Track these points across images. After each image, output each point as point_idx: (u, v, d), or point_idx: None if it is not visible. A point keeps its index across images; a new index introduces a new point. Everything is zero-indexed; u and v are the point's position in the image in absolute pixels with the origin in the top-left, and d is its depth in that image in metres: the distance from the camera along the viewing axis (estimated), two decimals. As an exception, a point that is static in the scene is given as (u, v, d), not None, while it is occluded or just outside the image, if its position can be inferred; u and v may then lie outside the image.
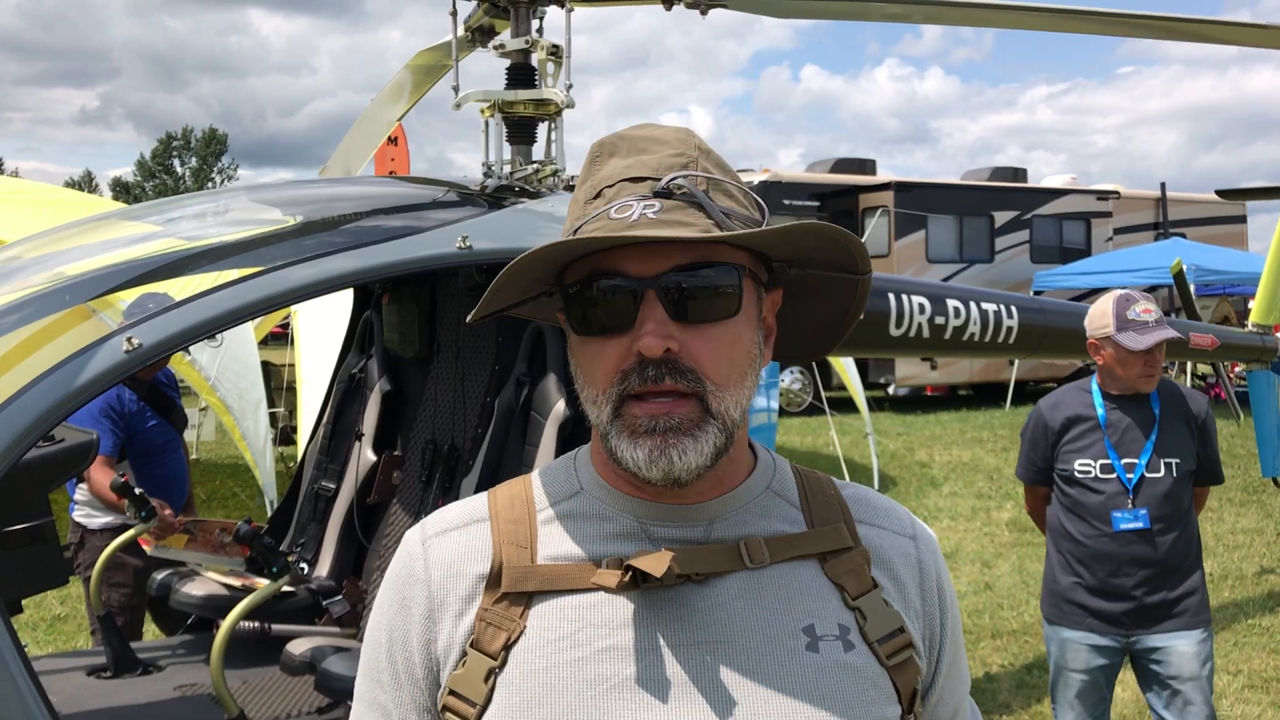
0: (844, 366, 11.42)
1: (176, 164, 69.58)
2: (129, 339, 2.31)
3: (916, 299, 4.39)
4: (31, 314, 2.46)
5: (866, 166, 19.81)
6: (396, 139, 12.10)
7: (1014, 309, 4.78)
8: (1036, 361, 17.39)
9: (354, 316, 4.86)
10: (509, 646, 1.10)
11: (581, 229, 1.11)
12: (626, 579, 1.08)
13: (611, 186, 1.13)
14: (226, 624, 3.38)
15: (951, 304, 4.52)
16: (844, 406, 13.70)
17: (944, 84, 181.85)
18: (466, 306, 4.03)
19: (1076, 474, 3.66)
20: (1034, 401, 4.30)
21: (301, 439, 8.61)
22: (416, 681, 1.15)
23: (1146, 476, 3.60)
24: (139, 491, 4.10)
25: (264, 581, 3.53)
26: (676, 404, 1.08)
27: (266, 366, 10.69)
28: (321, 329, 8.23)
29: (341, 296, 5.28)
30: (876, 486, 10.52)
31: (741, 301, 1.11)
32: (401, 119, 4.94)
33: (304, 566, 3.61)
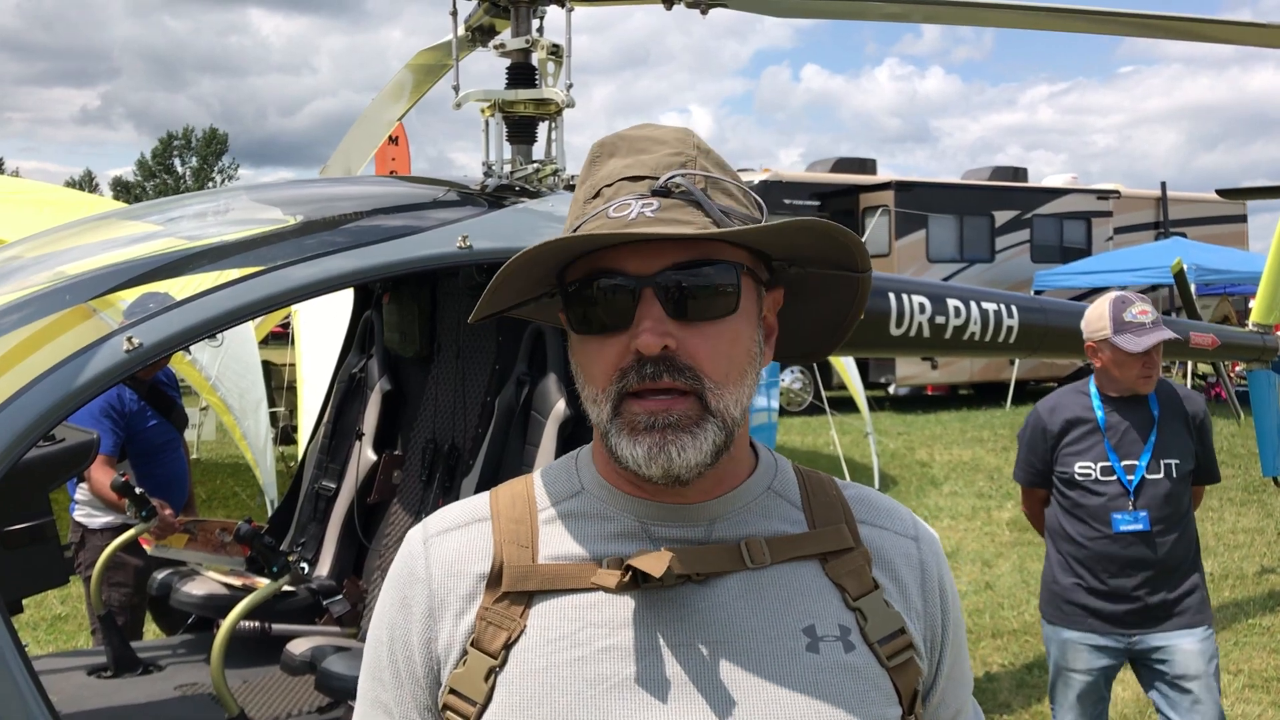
0: (844, 366, 11.42)
1: (177, 163, 69.60)
2: (129, 338, 2.31)
3: (917, 298, 4.39)
4: (32, 313, 2.46)
5: (867, 166, 19.81)
6: (397, 138, 12.08)
7: (1014, 308, 4.78)
8: (1037, 361, 17.40)
9: (354, 316, 4.86)
10: (509, 646, 1.10)
11: (580, 228, 1.12)
12: (627, 579, 1.08)
13: (610, 186, 1.13)
14: (227, 623, 3.38)
15: (952, 303, 4.52)
16: (844, 406, 13.70)
17: (944, 83, 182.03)
18: (467, 306, 4.03)
19: (1077, 476, 3.66)
20: (1034, 401, 4.30)
21: (302, 438, 8.61)
22: (417, 680, 1.15)
23: (1147, 478, 3.60)
24: (139, 491, 4.10)
25: (264, 581, 3.53)
26: (675, 401, 1.08)
27: (267, 366, 10.69)
28: (322, 328, 8.23)
29: (342, 296, 5.29)
30: (877, 486, 10.52)
31: (740, 299, 1.11)
32: (402, 118, 4.94)
33: (304, 566, 3.61)
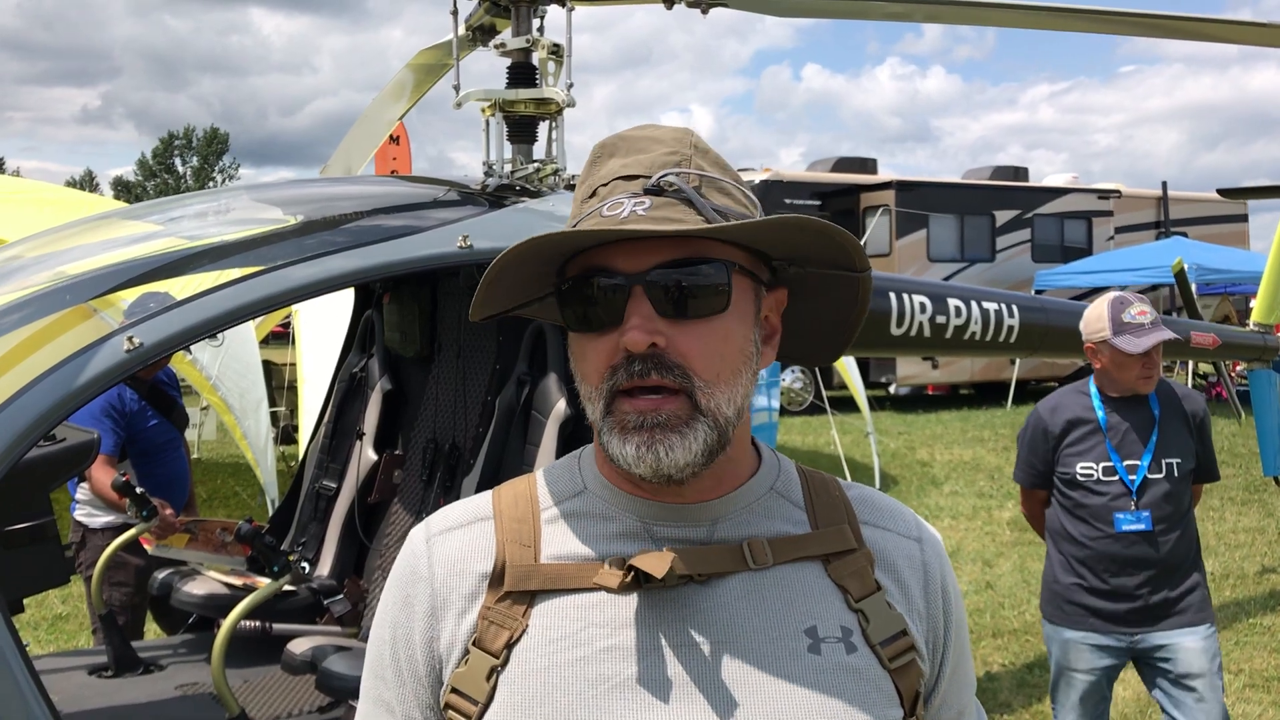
0: (845, 366, 11.41)
1: (178, 163, 69.63)
2: (130, 338, 2.31)
3: (917, 298, 4.39)
4: (33, 313, 2.46)
5: (868, 165, 19.79)
6: (398, 138, 12.09)
7: (1015, 308, 4.78)
8: (1038, 361, 17.39)
9: (355, 316, 4.86)
10: (511, 645, 1.10)
11: (576, 227, 1.12)
12: (629, 579, 1.08)
13: (606, 185, 1.13)
14: (228, 623, 3.38)
15: (953, 303, 4.52)
16: (845, 405, 13.70)
17: (945, 83, 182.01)
18: (467, 306, 4.00)
19: (1078, 477, 3.65)
20: (1035, 400, 4.30)
21: (303, 438, 8.62)
22: (419, 679, 1.15)
23: (1149, 478, 3.59)
24: (140, 491, 4.10)
25: (265, 581, 3.53)
26: (665, 400, 1.08)
27: (268, 366, 10.69)
28: (322, 328, 8.22)
29: (342, 296, 5.28)
30: (878, 486, 10.52)
31: (731, 298, 1.11)
32: (402, 118, 4.94)
33: (305, 566, 3.61)
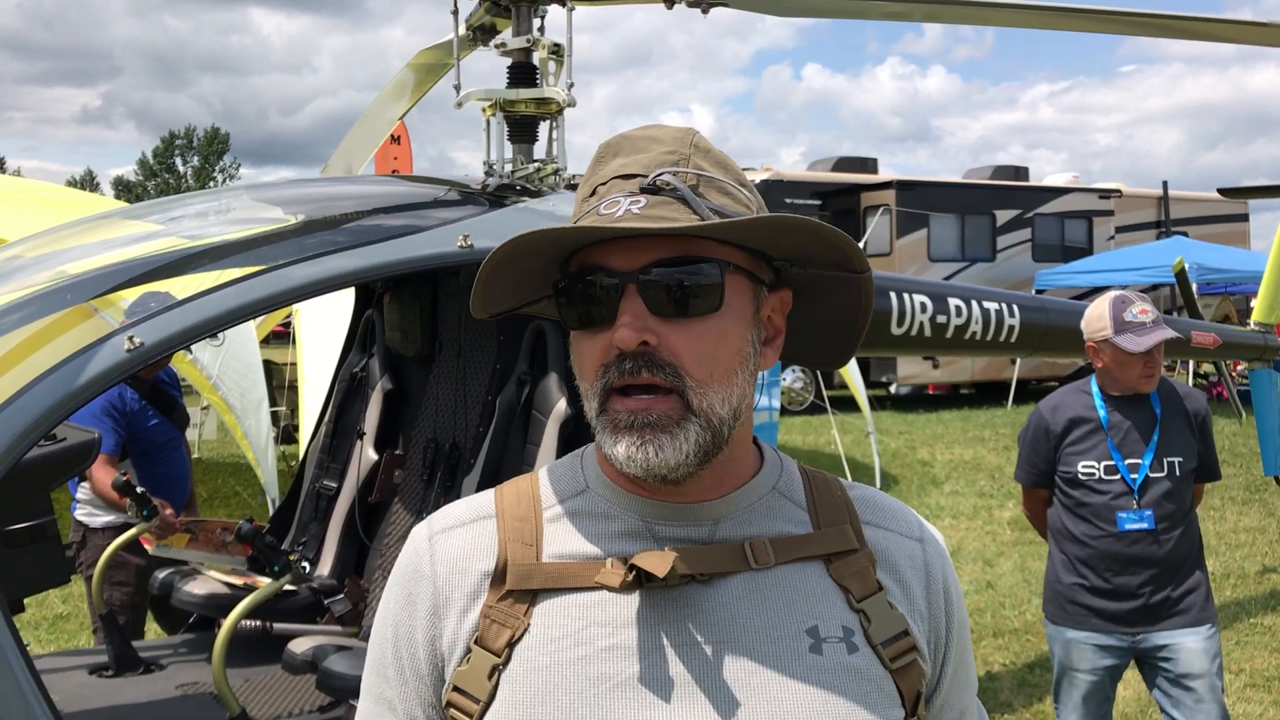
0: (845, 365, 11.41)
1: (179, 163, 69.65)
2: (130, 338, 2.31)
3: (918, 298, 4.39)
4: (33, 313, 2.46)
5: (868, 165, 19.79)
6: (399, 138, 12.10)
7: (1016, 308, 4.78)
8: (1038, 360, 17.39)
9: (355, 315, 4.86)
10: (513, 643, 1.10)
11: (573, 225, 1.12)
12: (630, 578, 1.08)
13: (605, 184, 1.14)
14: (228, 623, 3.38)
15: (953, 303, 4.52)
16: (846, 405, 13.70)
17: (946, 82, 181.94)
18: (468, 305, 4.02)
19: (1080, 476, 3.65)
20: (1036, 400, 4.30)
21: (303, 438, 8.61)
22: (421, 677, 1.15)
23: (1150, 476, 3.59)
24: (141, 490, 4.11)
25: (265, 580, 3.53)
26: (656, 400, 1.08)
27: (268, 365, 10.69)
28: (323, 328, 8.22)
29: (343, 295, 5.28)
30: (878, 485, 10.52)
31: (724, 297, 1.11)
32: (403, 118, 4.94)
33: (305, 565, 3.61)
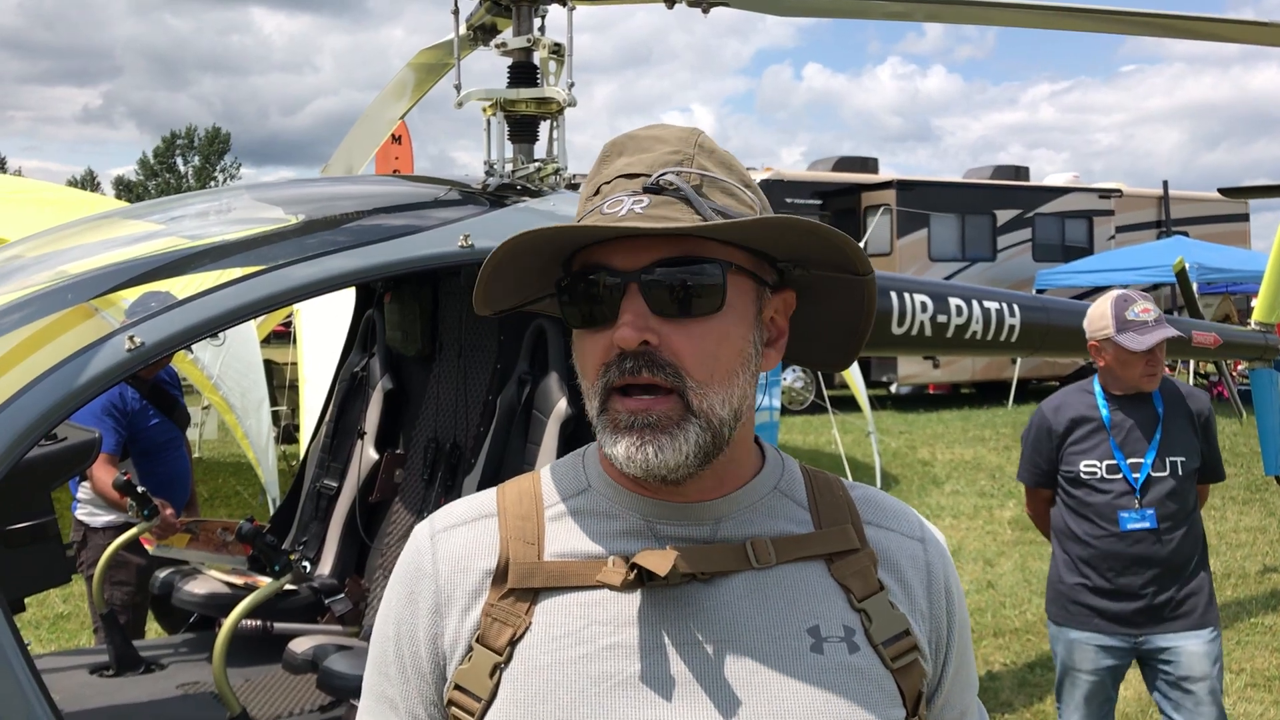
0: (848, 368, 11.40)
1: (179, 162, 69.67)
2: (131, 337, 2.31)
3: (919, 297, 4.39)
4: (34, 313, 2.46)
5: (869, 165, 19.79)
6: (400, 137, 12.10)
7: (1016, 307, 4.78)
8: (1039, 360, 17.38)
9: (356, 315, 4.86)
10: (515, 642, 1.10)
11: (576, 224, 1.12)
12: (632, 577, 1.08)
13: (609, 183, 1.14)
14: (229, 622, 3.38)
15: (954, 302, 4.52)
16: (846, 405, 13.70)
17: (946, 82, 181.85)
18: (468, 305, 4.02)
19: (1082, 475, 3.65)
20: (1036, 399, 4.30)
21: (304, 437, 8.61)
22: (423, 675, 1.15)
23: (1152, 476, 3.59)
24: (141, 490, 4.11)
25: (266, 580, 3.53)
26: (657, 401, 1.08)
27: (269, 365, 10.69)
28: (324, 327, 8.22)
29: (344, 295, 5.28)
30: (879, 485, 10.52)
31: (725, 298, 1.11)
32: (404, 117, 4.94)
33: (306, 565, 3.61)
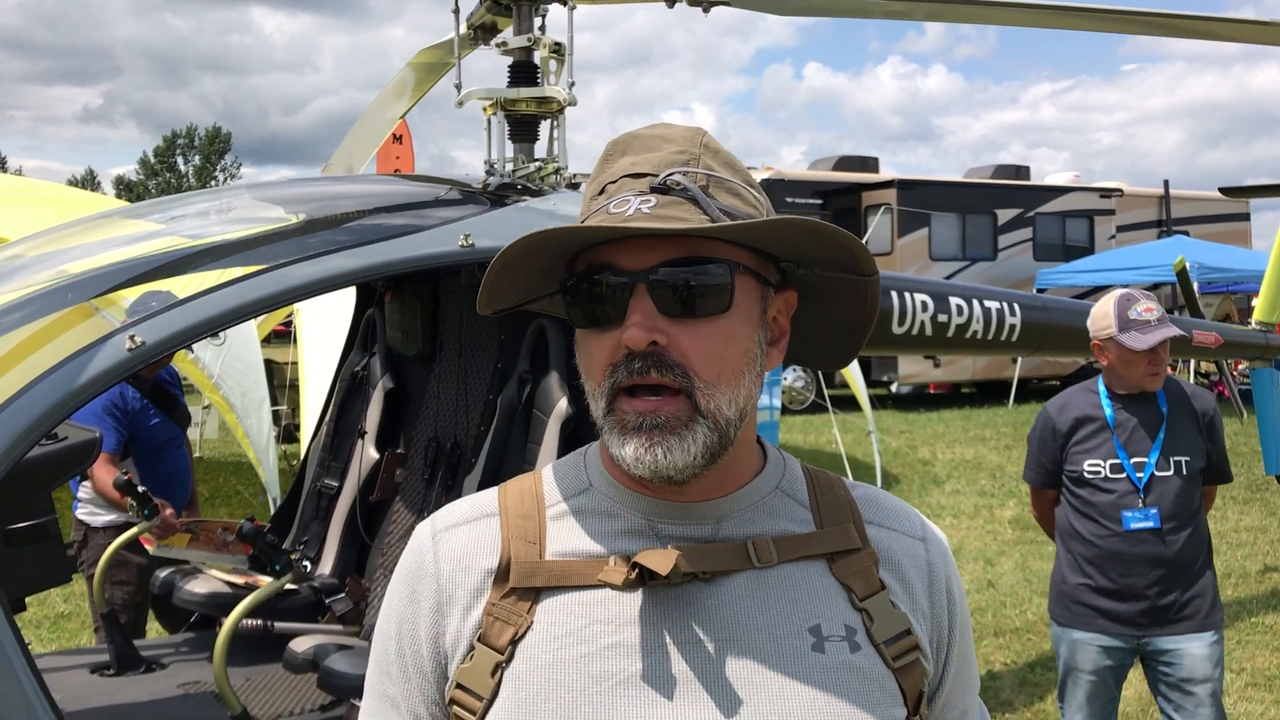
0: (847, 366, 11.41)
1: (180, 162, 69.68)
2: (131, 337, 2.31)
3: (919, 297, 4.39)
4: (34, 312, 2.46)
5: (869, 164, 19.79)
6: (401, 137, 12.11)
7: (1017, 307, 4.78)
8: (1040, 359, 17.39)
9: (357, 314, 4.86)
10: (516, 641, 1.10)
11: (582, 224, 1.12)
12: (633, 576, 1.08)
13: (615, 183, 1.14)
14: (229, 622, 3.38)
15: (954, 302, 4.52)
16: (847, 404, 13.70)
17: (947, 81, 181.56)
18: (469, 304, 4.03)
19: (1086, 474, 3.64)
20: (1037, 399, 4.31)
21: (304, 437, 8.62)
22: (425, 674, 1.15)
23: (1156, 475, 3.58)
24: (142, 490, 4.11)
25: (267, 579, 3.53)
26: (665, 402, 1.08)
27: (269, 364, 10.70)
28: (324, 327, 8.22)
29: (344, 294, 5.29)
30: (879, 484, 10.51)
31: (733, 298, 1.11)
32: (404, 116, 4.94)
33: (307, 564, 3.61)
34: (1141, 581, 3.57)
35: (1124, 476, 3.60)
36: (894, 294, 4.30)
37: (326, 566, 4.39)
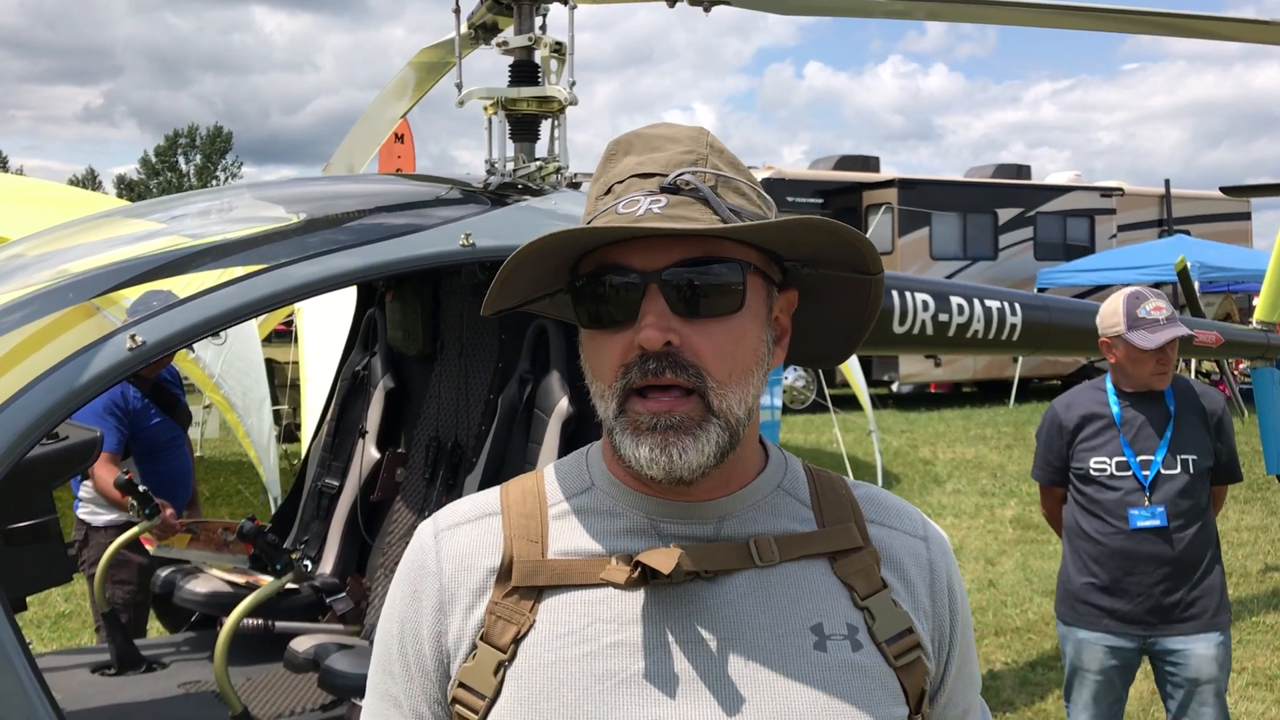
0: (847, 364, 11.41)
1: (181, 161, 69.71)
2: (132, 336, 2.31)
3: (920, 296, 4.39)
4: (35, 312, 2.46)
5: (870, 163, 19.79)
6: (403, 136, 12.12)
7: (1017, 306, 4.78)
8: (1040, 359, 17.38)
9: (357, 314, 4.86)
10: (518, 640, 1.10)
11: (591, 224, 1.12)
12: (635, 575, 1.08)
13: (622, 183, 1.14)
14: (230, 621, 3.38)
15: (955, 301, 4.51)
16: (847, 404, 13.70)
17: (948, 80, 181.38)
18: (470, 304, 4.03)
19: (1092, 472, 3.63)
20: (1038, 398, 4.31)
21: (305, 436, 8.62)
22: (427, 673, 1.15)
23: (1162, 473, 3.57)
24: (143, 489, 4.11)
25: (267, 579, 3.53)
26: (678, 402, 1.08)
27: (270, 364, 10.70)
28: (325, 326, 8.23)
29: (345, 294, 5.28)
30: (880, 484, 10.50)
31: (745, 298, 1.11)
32: (405, 116, 4.93)
33: (307, 564, 3.61)
34: (1147, 580, 3.56)
35: (1130, 474, 3.59)
36: (895, 293, 4.30)
37: (327, 566, 4.39)
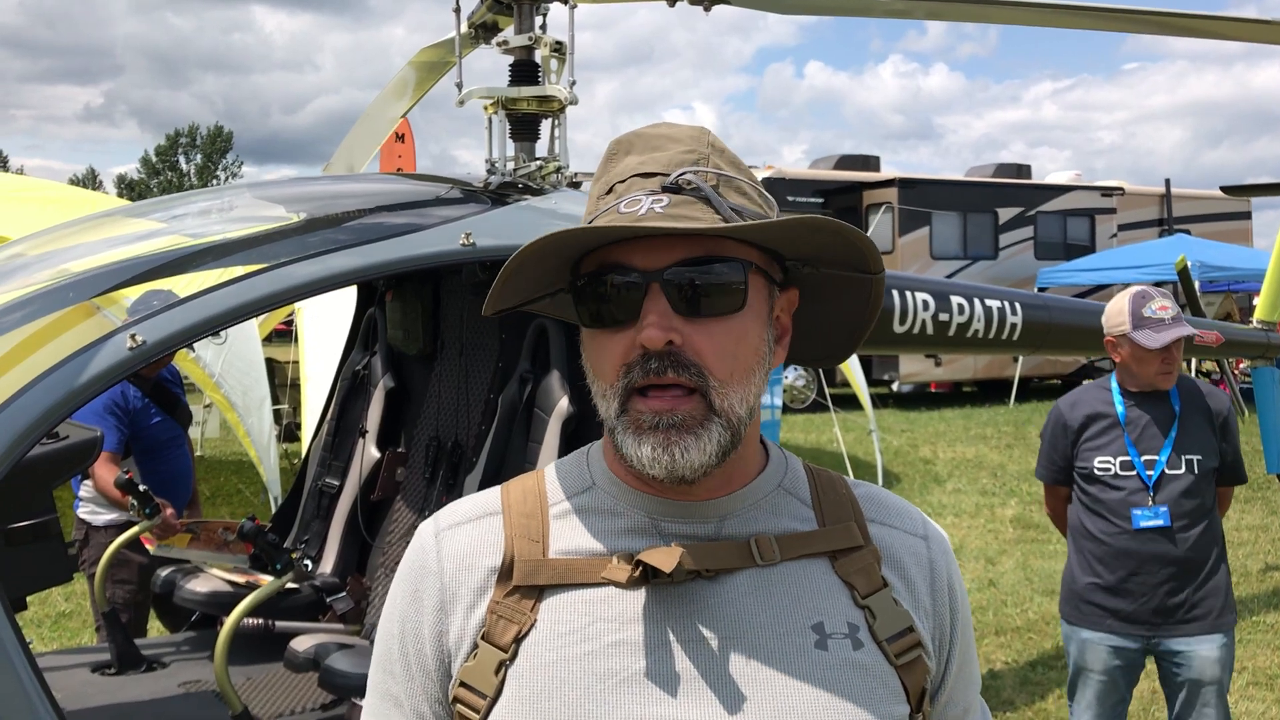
0: (848, 363, 11.42)
1: (182, 161, 69.72)
2: (133, 336, 2.31)
3: (920, 296, 4.39)
4: (35, 311, 2.46)
5: (870, 163, 19.79)
6: (404, 135, 12.12)
7: (1018, 306, 4.78)
8: (1041, 358, 17.38)
9: (358, 313, 4.86)
10: (520, 639, 1.10)
11: (593, 224, 1.12)
12: (637, 574, 1.08)
13: (623, 182, 1.14)
14: (230, 621, 3.38)
15: (956, 301, 4.51)
16: (848, 403, 13.69)
17: (948, 80, 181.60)
18: (470, 303, 4.03)
19: (1096, 471, 3.63)
20: (1038, 398, 4.31)
21: (306, 436, 8.62)
22: (428, 673, 1.15)
23: (1167, 473, 3.56)
24: (143, 489, 4.11)
25: (268, 578, 3.53)
26: (681, 401, 1.08)
27: (271, 363, 10.70)
28: (326, 326, 8.23)
29: (345, 294, 5.28)
30: (880, 483, 10.51)
31: (747, 297, 1.11)
32: (405, 115, 4.93)
33: (308, 563, 3.61)
34: (1151, 580, 3.55)
35: (1134, 474, 3.58)
36: (895, 293, 4.29)
37: (328, 565, 4.39)
